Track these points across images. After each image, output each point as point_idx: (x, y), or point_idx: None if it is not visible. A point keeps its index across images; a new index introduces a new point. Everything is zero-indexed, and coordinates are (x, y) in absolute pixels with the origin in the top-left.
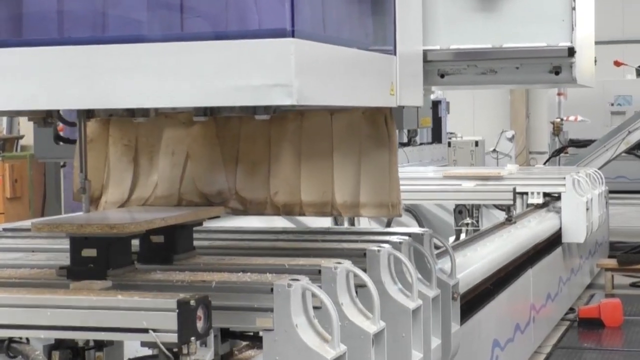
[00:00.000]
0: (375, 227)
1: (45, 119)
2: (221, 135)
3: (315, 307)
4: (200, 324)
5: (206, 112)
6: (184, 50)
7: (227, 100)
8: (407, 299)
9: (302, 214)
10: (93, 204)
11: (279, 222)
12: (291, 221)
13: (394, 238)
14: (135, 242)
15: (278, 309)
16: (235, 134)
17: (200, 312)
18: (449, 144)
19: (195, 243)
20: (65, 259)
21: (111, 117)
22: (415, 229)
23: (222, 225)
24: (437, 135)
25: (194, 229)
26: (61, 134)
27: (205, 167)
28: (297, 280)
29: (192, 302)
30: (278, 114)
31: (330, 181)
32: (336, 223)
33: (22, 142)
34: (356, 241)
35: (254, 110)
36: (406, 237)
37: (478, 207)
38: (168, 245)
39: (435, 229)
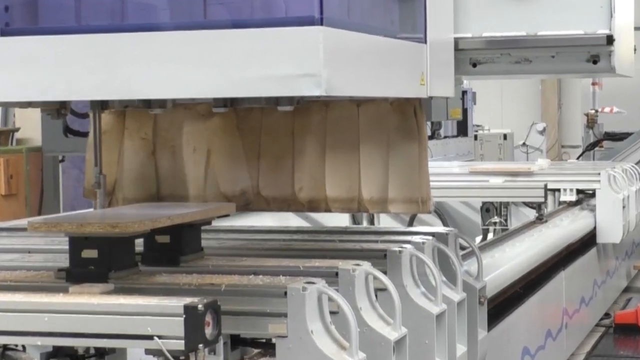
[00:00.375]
0: (396, 226)
1: (58, 110)
2: (242, 128)
3: (332, 312)
4: (208, 330)
5: (226, 103)
6: (207, 38)
7: (253, 91)
8: (431, 304)
9: (328, 210)
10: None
11: (293, 221)
12: (306, 220)
13: (417, 238)
14: (140, 242)
15: (292, 314)
16: (257, 126)
17: (208, 318)
18: (476, 137)
19: (204, 243)
20: (64, 261)
21: (126, 109)
22: (440, 229)
23: (232, 224)
24: (462, 128)
25: (202, 228)
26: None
27: (227, 164)
28: (313, 283)
29: (200, 307)
30: (301, 105)
31: (356, 176)
32: (354, 222)
33: (17, 135)
34: (376, 241)
35: (276, 101)
36: (430, 237)
37: (507, 204)
38: (174, 246)
39: (461, 228)
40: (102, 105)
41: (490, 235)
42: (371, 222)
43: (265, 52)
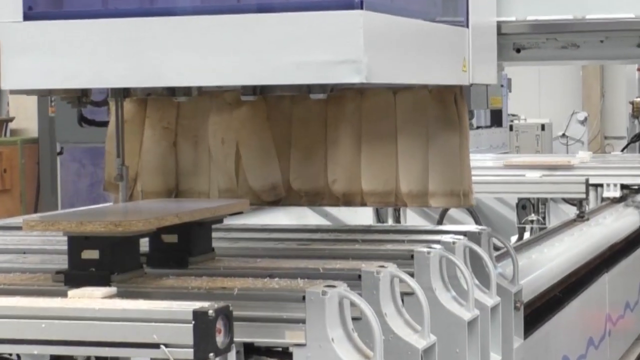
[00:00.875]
0: (424, 224)
1: (80, 98)
2: (272, 117)
3: (354, 318)
4: (220, 338)
5: (255, 90)
6: (241, 23)
7: (289, 78)
8: (462, 309)
9: (364, 205)
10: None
11: (312, 219)
12: (326, 218)
13: (447, 237)
14: (145, 242)
15: (311, 320)
16: (288, 115)
17: (220, 324)
18: (511, 128)
19: (215, 243)
20: (62, 262)
21: (149, 97)
22: (472, 227)
23: (245, 222)
24: (497, 118)
25: (213, 227)
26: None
27: (257, 157)
28: (334, 286)
29: (211, 313)
30: (335, 93)
31: (394, 168)
32: (379, 219)
33: (12, 125)
34: (402, 241)
35: (308, 89)
36: (461, 237)
37: (545, 201)
38: (182, 246)
39: (495, 226)
40: (124, 93)
41: (526, 235)
42: (397, 219)
43: (303, 37)
